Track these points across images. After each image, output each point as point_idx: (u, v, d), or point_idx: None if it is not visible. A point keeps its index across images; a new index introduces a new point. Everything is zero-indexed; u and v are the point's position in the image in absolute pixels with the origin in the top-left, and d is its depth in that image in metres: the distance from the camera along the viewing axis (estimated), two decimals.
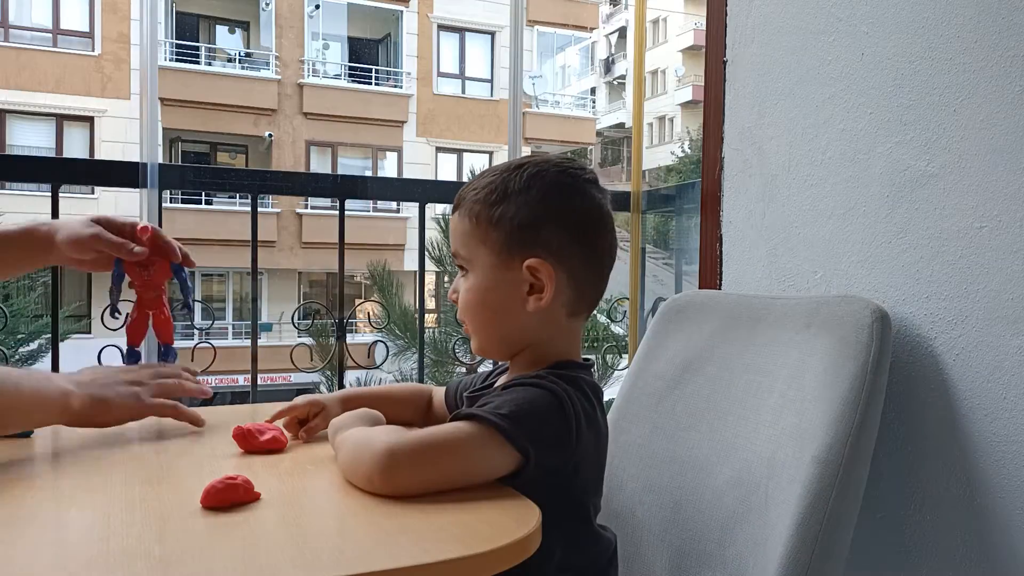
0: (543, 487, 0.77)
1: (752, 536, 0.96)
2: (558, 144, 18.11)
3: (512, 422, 0.75)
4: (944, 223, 1.01)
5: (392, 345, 5.89)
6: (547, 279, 0.84)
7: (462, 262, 0.89)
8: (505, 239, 0.85)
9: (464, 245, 0.88)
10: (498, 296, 0.87)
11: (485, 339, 0.90)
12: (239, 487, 0.70)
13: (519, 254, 0.85)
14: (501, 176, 0.87)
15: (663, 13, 25.41)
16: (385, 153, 16.25)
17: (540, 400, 0.79)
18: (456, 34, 16.51)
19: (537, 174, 0.86)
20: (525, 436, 0.76)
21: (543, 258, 0.84)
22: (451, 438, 0.76)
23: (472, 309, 0.89)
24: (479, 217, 0.86)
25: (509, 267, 0.85)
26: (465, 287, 0.89)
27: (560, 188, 0.87)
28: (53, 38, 13.69)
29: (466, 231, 0.88)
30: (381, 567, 0.58)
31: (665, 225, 3.48)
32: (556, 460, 0.79)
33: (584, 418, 0.81)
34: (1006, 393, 0.93)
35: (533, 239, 0.85)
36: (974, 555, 0.96)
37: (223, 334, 14.19)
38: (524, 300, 0.85)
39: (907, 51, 1.05)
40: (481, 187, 0.87)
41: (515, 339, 0.89)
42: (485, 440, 0.75)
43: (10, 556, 0.59)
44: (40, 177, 1.94)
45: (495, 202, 0.85)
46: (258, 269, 1.89)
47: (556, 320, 0.88)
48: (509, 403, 0.78)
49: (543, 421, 0.78)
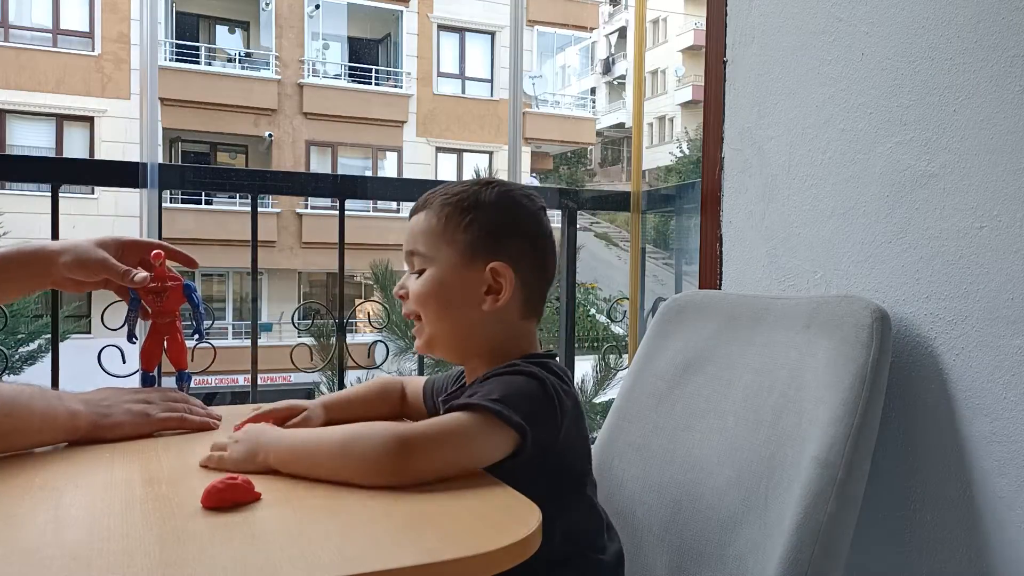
0: (538, 463, 0.83)
1: (752, 536, 0.96)
2: (558, 144, 18.13)
3: (505, 405, 0.81)
4: (944, 223, 1.01)
5: (392, 345, 5.89)
6: (507, 282, 0.92)
7: (419, 259, 0.95)
8: (472, 241, 0.93)
9: (426, 242, 0.95)
10: (455, 292, 0.93)
11: (437, 331, 0.95)
12: (239, 487, 0.71)
13: (483, 257, 0.93)
14: (472, 188, 0.95)
15: (663, 13, 25.40)
16: (385, 153, 16.24)
17: (523, 383, 0.85)
18: (456, 34, 16.50)
19: (506, 192, 0.96)
20: (520, 416, 0.81)
21: (505, 263, 0.92)
22: (454, 425, 0.80)
23: (426, 300, 0.94)
24: (448, 218, 0.94)
25: (471, 267, 0.93)
26: (422, 279, 0.94)
27: (524, 209, 0.97)
28: (53, 38, 13.68)
29: (431, 229, 0.94)
30: (381, 567, 0.58)
31: (665, 225, 3.48)
32: (548, 436, 0.84)
33: (563, 393, 0.87)
34: (1006, 393, 0.93)
35: (496, 246, 0.93)
36: (974, 555, 0.96)
37: (223, 334, 14.19)
38: (480, 299, 0.93)
39: (907, 51, 1.05)
40: (452, 193, 0.95)
41: (465, 337, 0.95)
42: (484, 424, 0.80)
43: (9, 556, 0.59)
44: (40, 177, 1.94)
45: (467, 208, 0.94)
46: (258, 269, 1.89)
47: (509, 320, 0.94)
48: (496, 389, 0.83)
49: (531, 401, 0.84)
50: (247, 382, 1.38)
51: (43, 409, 0.88)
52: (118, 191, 11.59)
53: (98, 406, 0.94)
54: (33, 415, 0.87)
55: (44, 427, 0.88)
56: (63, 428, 0.90)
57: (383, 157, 16.29)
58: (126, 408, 0.96)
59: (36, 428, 0.88)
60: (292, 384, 10.45)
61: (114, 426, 0.94)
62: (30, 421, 0.87)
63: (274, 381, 10.65)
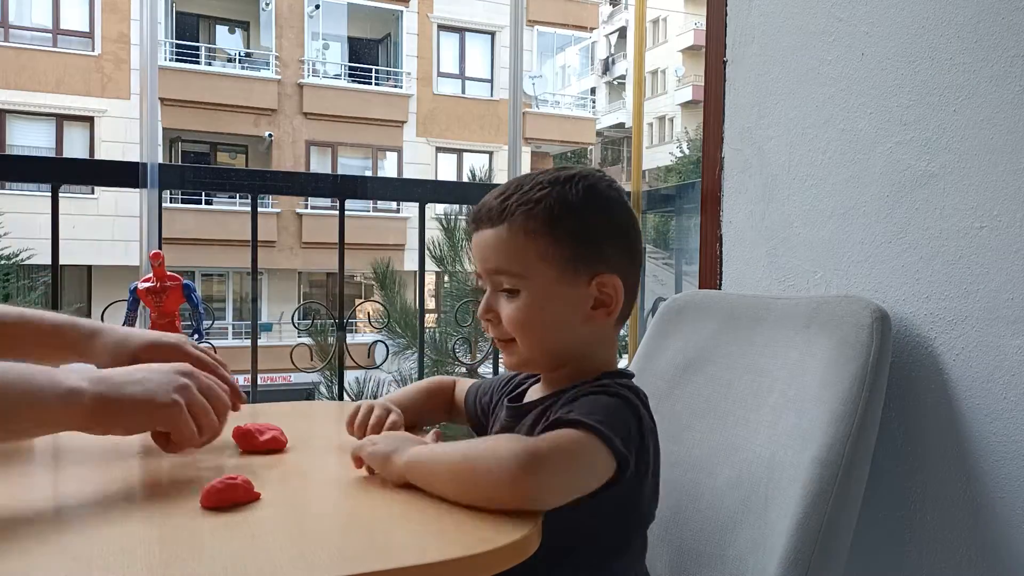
0: (616, 498, 0.76)
1: (752, 536, 0.96)
2: (558, 144, 18.12)
3: (610, 428, 0.73)
4: (944, 223, 1.00)
5: (392, 344, 5.89)
6: (616, 293, 0.84)
7: (507, 278, 0.84)
8: (570, 255, 0.83)
9: (512, 260, 0.84)
10: (558, 312, 0.84)
11: (537, 354, 0.87)
12: (239, 487, 0.70)
13: (586, 270, 0.83)
14: (555, 189, 0.84)
15: (663, 13, 25.40)
16: (385, 153, 16.24)
17: (623, 409, 0.78)
18: (456, 34, 16.50)
19: (592, 188, 0.85)
20: (623, 444, 0.74)
21: (611, 273, 0.84)
22: (575, 443, 0.72)
23: (527, 326, 0.84)
24: (537, 232, 0.83)
25: (573, 283, 0.83)
26: (517, 305, 0.84)
27: (614, 202, 0.87)
28: (53, 38, 13.68)
29: (519, 246, 0.83)
30: (381, 567, 0.58)
31: (665, 225, 3.48)
32: (640, 468, 0.77)
33: (651, 428, 0.81)
34: (1006, 393, 0.93)
35: (598, 254, 0.84)
36: (974, 555, 0.96)
37: (223, 334, 14.19)
38: (587, 316, 0.84)
39: (907, 51, 1.05)
40: (534, 199, 0.83)
41: (566, 353, 0.87)
42: (596, 446, 0.73)
43: (9, 556, 0.59)
44: (40, 177, 1.95)
45: (557, 217, 0.83)
46: (258, 269, 1.89)
47: (606, 331, 0.87)
48: (598, 411, 0.75)
49: (628, 430, 0.76)
50: (247, 382, 1.38)
51: (23, 389, 0.72)
52: (118, 191, 11.60)
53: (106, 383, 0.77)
54: (6, 394, 0.71)
55: (24, 412, 0.73)
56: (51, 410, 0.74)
57: (383, 157, 16.30)
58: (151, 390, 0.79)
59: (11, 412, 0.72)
60: (292, 384, 10.45)
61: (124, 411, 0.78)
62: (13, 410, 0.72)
63: (274, 381, 10.65)
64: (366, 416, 0.94)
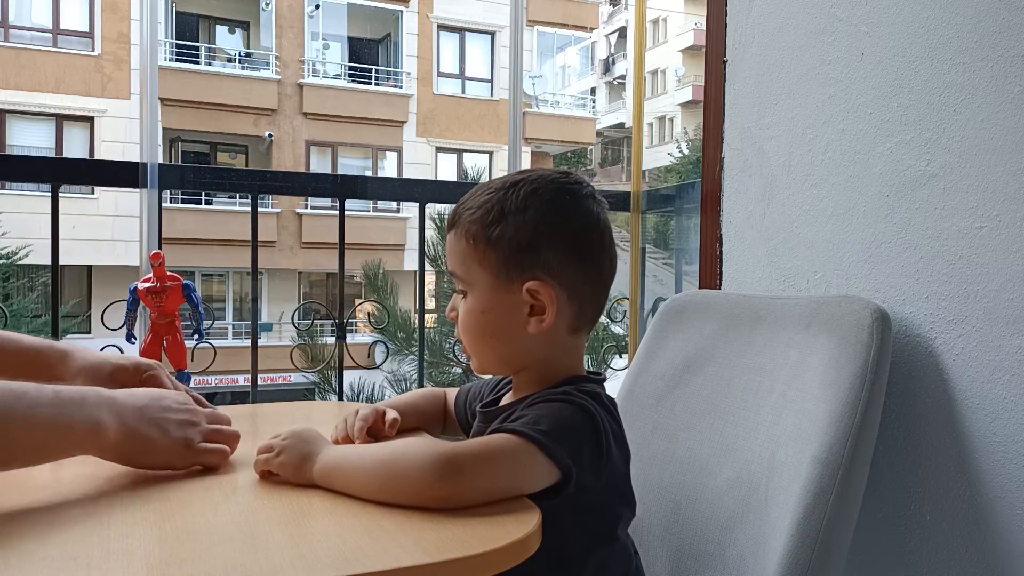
0: (572, 502, 0.77)
1: (752, 536, 0.96)
2: (558, 144, 18.13)
3: (553, 439, 0.74)
4: (944, 223, 1.01)
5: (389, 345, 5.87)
6: (548, 301, 0.83)
7: (459, 282, 0.87)
8: (503, 260, 0.83)
9: (461, 265, 0.86)
10: (498, 319, 0.85)
11: (485, 360, 0.89)
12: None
13: (518, 276, 0.83)
14: (497, 195, 0.85)
15: (663, 13, 25.40)
16: (385, 153, 16.23)
17: (575, 418, 0.78)
18: (456, 34, 16.50)
19: (533, 192, 0.84)
20: (567, 454, 0.75)
21: (543, 279, 0.83)
22: (501, 449, 0.74)
23: (471, 332, 0.87)
24: (476, 238, 0.84)
25: (508, 289, 0.84)
26: (464, 309, 0.87)
27: (558, 206, 0.85)
28: (53, 38, 13.68)
29: (463, 251, 0.86)
30: (381, 567, 0.58)
31: (665, 225, 3.48)
32: (591, 479, 0.78)
33: (612, 435, 0.81)
34: (1006, 393, 0.93)
35: (532, 260, 0.83)
36: (974, 555, 0.96)
37: (223, 334, 14.19)
38: (525, 322, 0.84)
39: (907, 51, 1.05)
40: (477, 206, 0.85)
41: (516, 360, 0.88)
42: (530, 454, 0.74)
43: (9, 556, 0.59)
44: (40, 177, 1.95)
45: (492, 222, 0.83)
46: (258, 269, 1.89)
47: (558, 339, 0.86)
48: (546, 419, 0.76)
49: (581, 440, 0.77)
50: (247, 382, 1.38)
51: (50, 417, 0.72)
52: (118, 191, 11.60)
53: (135, 420, 0.78)
54: (36, 422, 0.71)
55: (51, 441, 0.73)
56: (83, 442, 0.75)
57: (383, 157, 16.29)
58: (167, 431, 0.80)
59: (39, 441, 0.73)
60: (292, 384, 10.45)
61: (151, 449, 0.79)
62: (30, 430, 0.71)
63: (274, 381, 10.65)
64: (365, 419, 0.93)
